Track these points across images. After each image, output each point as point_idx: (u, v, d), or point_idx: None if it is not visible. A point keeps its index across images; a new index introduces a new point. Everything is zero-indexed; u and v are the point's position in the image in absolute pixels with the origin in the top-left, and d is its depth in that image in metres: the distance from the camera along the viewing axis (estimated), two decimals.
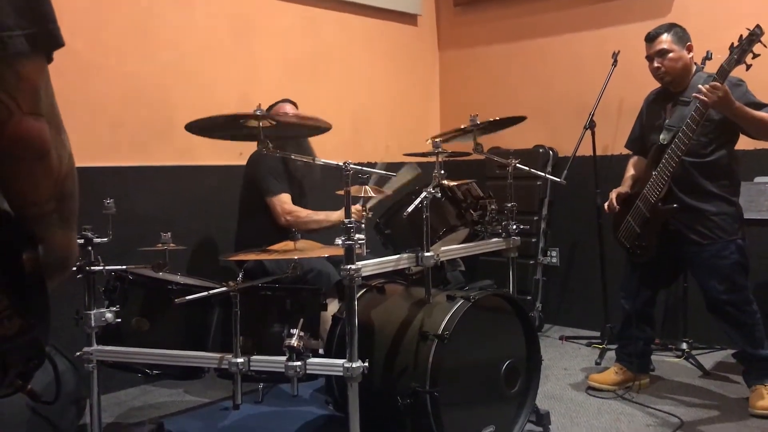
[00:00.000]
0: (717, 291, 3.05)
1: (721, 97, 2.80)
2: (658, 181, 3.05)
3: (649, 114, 3.31)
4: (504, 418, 2.62)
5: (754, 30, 2.78)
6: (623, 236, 3.26)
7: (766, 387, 3.03)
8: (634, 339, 3.34)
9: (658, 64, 3.10)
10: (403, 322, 2.55)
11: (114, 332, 2.47)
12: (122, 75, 3.50)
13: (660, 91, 3.29)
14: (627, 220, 3.22)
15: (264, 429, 2.94)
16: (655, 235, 3.12)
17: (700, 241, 3.05)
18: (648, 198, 3.10)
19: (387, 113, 4.92)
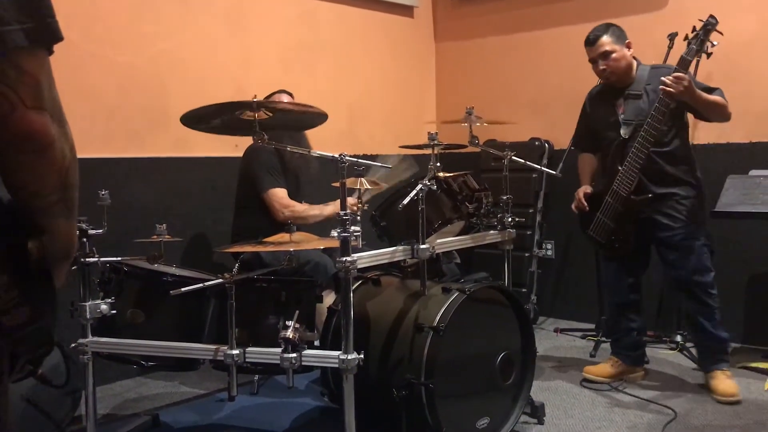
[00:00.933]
0: (687, 272, 3.14)
1: (686, 87, 2.92)
2: (628, 175, 3.11)
3: (598, 112, 3.36)
4: (499, 410, 2.63)
5: (708, 20, 2.93)
6: (596, 233, 3.29)
7: (724, 372, 3.15)
8: (627, 330, 3.37)
9: (604, 66, 3.18)
10: (399, 314, 2.55)
11: (109, 324, 2.47)
12: (117, 65, 3.48)
13: (604, 89, 3.35)
14: (597, 217, 3.26)
15: (259, 421, 2.95)
16: (631, 227, 3.19)
17: (672, 225, 3.14)
18: (619, 192, 3.15)
19: (383, 105, 4.91)
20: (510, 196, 2.91)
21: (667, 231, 3.15)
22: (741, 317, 3.91)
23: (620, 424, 2.85)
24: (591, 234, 3.31)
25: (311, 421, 2.97)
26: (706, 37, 2.93)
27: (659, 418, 2.88)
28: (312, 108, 2.37)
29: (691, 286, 3.16)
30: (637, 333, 3.39)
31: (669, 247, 3.18)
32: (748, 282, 3.90)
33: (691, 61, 2.94)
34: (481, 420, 2.54)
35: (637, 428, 2.80)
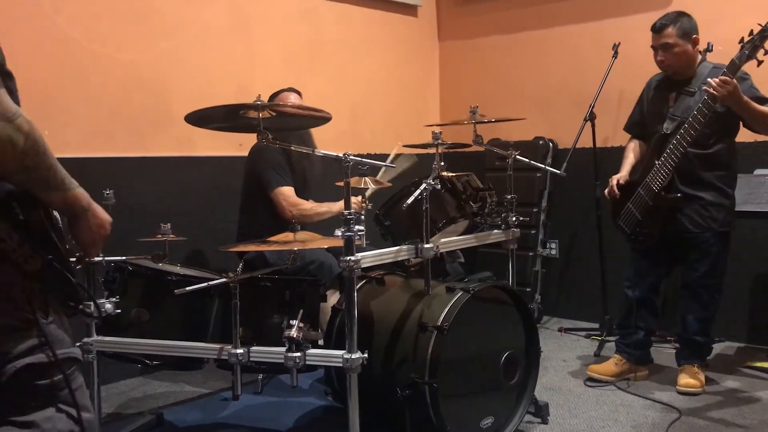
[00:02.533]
0: (698, 273, 3.16)
1: (731, 92, 2.85)
2: (662, 171, 3.09)
3: (652, 100, 3.33)
4: (503, 409, 2.63)
5: (766, 26, 2.80)
6: (623, 222, 3.29)
7: (694, 367, 3.23)
8: (635, 329, 3.36)
9: (662, 58, 3.13)
10: (403, 313, 2.55)
11: (114, 323, 2.48)
12: (121, 65, 3.49)
13: (663, 78, 3.31)
14: (627, 207, 3.25)
15: (263, 420, 2.95)
16: (657, 223, 3.16)
17: (694, 230, 3.13)
18: (651, 186, 3.13)
19: (386, 104, 4.91)
20: (514, 196, 2.90)
21: (688, 234, 3.14)
22: (745, 317, 3.91)
23: (624, 423, 2.85)
24: (619, 224, 3.31)
25: (315, 420, 2.97)
26: (761, 43, 2.81)
27: (664, 418, 2.88)
28: (317, 112, 2.36)
29: (699, 288, 3.16)
30: (645, 333, 3.38)
31: (688, 248, 3.18)
32: (753, 281, 3.89)
33: (740, 66, 2.87)
34: (485, 419, 2.54)
35: (641, 428, 2.80)
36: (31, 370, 1.19)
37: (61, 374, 1.23)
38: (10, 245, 1.16)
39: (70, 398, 1.24)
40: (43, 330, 1.20)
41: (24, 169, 1.14)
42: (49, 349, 1.20)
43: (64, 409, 1.23)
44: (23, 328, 1.19)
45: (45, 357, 1.20)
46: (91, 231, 1.30)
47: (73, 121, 3.33)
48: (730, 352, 3.79)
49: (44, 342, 1.20)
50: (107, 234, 1.35)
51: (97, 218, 1.32)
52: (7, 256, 1.16)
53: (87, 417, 1.28)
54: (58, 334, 1.24)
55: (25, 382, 1.19)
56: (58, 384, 1.22)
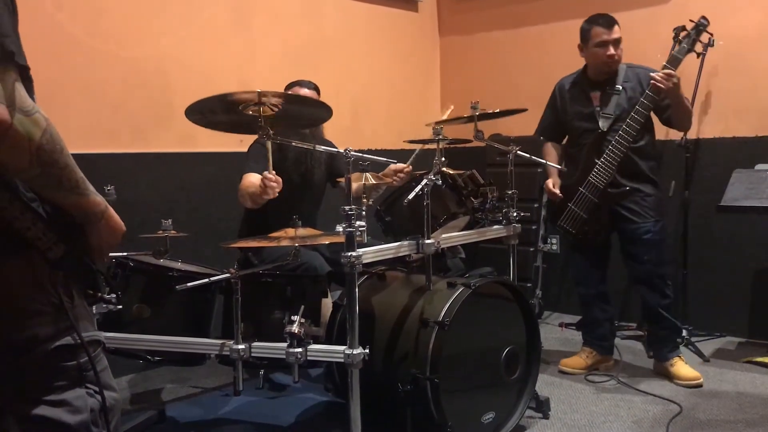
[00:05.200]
0: (650, 264, 3.26)
1: (675, 84, 3.03)
2: (606, 168, 3.20)
3: (571, 101, 3.42)
4: (504, 405, 2.64)
5: (700, 20, 3.08)
6: (567, 224, 3.36)
7: (680, 358, 3.30)
8: (599, 321, 3.47)
9: (613, 52, 3.23)
10: (404, 309, 2.56)
11: (115, 319, 2.48)
12: (122, 61, 3.48)
13: (579, 79, 3.42)
14: (570, 208, 3.33)
15: (265, 415, 2.95)
16: (604, 219, 3.29)
17: (636, 220, 3.24)
18: (596, 184, 3.23)
19: (387, 99, 4.91)
20: (515, 191, 2.90)
21: (632, 225, 3.25)
22: (746, 312, 3.91)
23: (626, 418, 2.85)
24: (563, 225, 3.38)
25: (316, 415, 2.98)
26: (697, 36, 3.08)
27: (665, 413, 2.88)
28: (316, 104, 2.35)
29: (654, 278, 3.27)
30: (609, 323, 3.50)
31: (633, 242, 3.28)
32: (754, 277, 3.89)
33: (681, 59, 3.04)
34: (486, 414, 2.54)
35: (642, 423, 2.80)
36: (60, 352, 1.25)
37: (87, 356, 1.28)
38: (35, 233, 1.19)
39: (96, 379, 1.30)
40: (69, 314, 1.25)
41: (38, 165, 1.14)
42: (75, 332, 1.26)
43: (92, 388, 1.29)
44: (51, 312, 1.23)
45: (71, 339, 1.26)
46: (101, 238, 1.31)
47: (74, 118, 3.33)
48: (731, 347, 3.79)
49: (70, 325, 1.25)
50: (118, 243, 1.36)
51: (111, 227, 1.32)
52: (32, 243, 1.19)
53: (113, 396, 1.34)
54: (82, 318, 1.30)
55: (55, 364, 1.25)
56: (85, 365, 1.28)
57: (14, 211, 1.17)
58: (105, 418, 1.31)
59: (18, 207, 1.18)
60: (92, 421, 1.28)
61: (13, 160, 1.13)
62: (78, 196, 1.25)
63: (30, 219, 1.19)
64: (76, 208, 1.26)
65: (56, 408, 1.24)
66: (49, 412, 1.24)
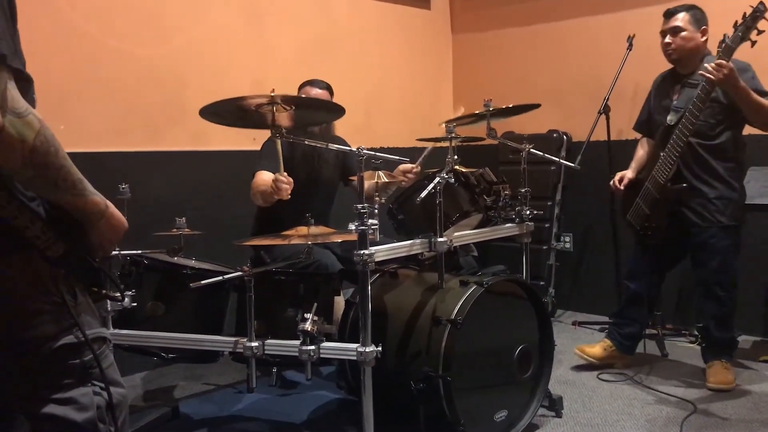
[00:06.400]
0: (711, 272, 3.13)
1: (727, 75, 2.83)
2: (667, 162, 3.09)
3: (658, 95, 3.34)
4: (517, 403, 2.63)
5: (757, 6, 2.81)
6: (632, 218, 3.31)
7: (722, 362, 3.18)
8: (632, 321, 3.40)
9: (669, 41, 3.14)
10: (416, 307, 2.56)
11: (130, 316, 2.50)
12: (136, 59, 3.50)
13: (668, 73, 3.32)
14: (636, 203, 3.27)
15: (278, 412, 2.97)
16: (664, 216, 3.17)
17: (701, 224, 3.11)
18: (657, 179, 3.14)
19: (399, 97, 4.90)
20: (528, 189, 2.89)
21: (696, 228, 3.13)
22: (762, 310, 3.88)
23: (639, 417, 2.84)
24: (629, 219, 3.32)
25: (329, 412, 2.98)
26: (753, 24, 2.81)
27: (678, 412, 2.87)
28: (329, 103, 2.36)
29: (713, 286, 3.14)
30: (639, 326, 3.42)
31: (696, 246, 3.16)
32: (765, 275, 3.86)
33: (734, 49, 2.85)
34: (498, 413, 2.54)
35: (656, 422, 2.79)
36: (65, 351, 1.26)
37: (92, 353, 1.30)
38: (33, 232, 1.20)
39: (101, 376, 1.32)
40: (72, 312, 1.26)
41: (31, 167, 1.14)
42: (79, 330, 1.27)
43: (98, 385, 1.31)
44: (53, 310, 1.25)
45: (75, 338, 1.27)
46: (102, 236, 1.31)
47: (88, 116, 3.35)
48: (746, 345, 3.76)
49: (74, 323, 1.26)
50: (120, 240, 1.36)
51: (112, 225, 1.32)
52: (31, 242, 1.20)
53: (120, 392, 1.36)
54: (86, 315, 1.31)
55: (60, 362, 1.26)
56: (90, 363, 1.30)
57: (12, 210, 1.18)
58: (112, 415, 1.32)
59: (16, 206, 1.18)
60: (99, 418, 1.30)
61: (6, 162, 1.13)
62: (75, 197, 1.24)
63: (28, 218, 1.20)
64: (74, 208, 1.26)
65: (63, 406, 1.26)
66: (57, 410, 1.26)
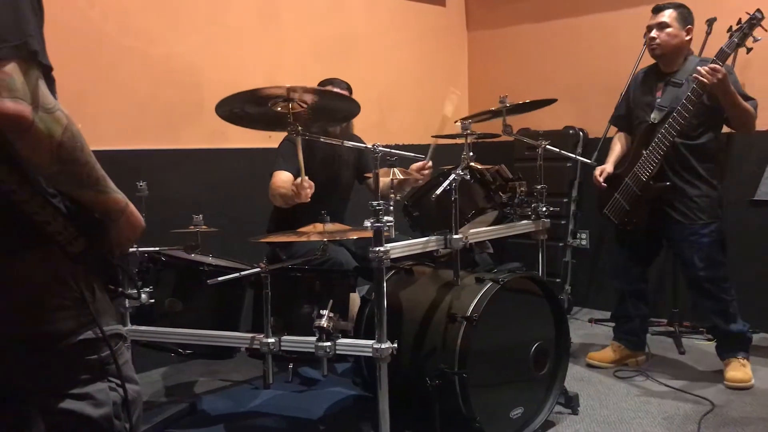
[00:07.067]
0: (697, 268, 3.15)
1: (720, 80, 2.88)
2: (650, 160, 3.13)
3: (638, 91, 3.36)
4: (533, 400, 2.63)
5: (754, 14, 2.89)
6: (611, 213, 3.33)
7: (739, 360, 3.17)
8: (631, 317, 3.42)
9: (654, 35, 3.16)
10: (432, 304, 2.56)
11: (147, 312, 2.52)
12: (152, 58, 3.53)
13: (650, 70, 3.35)
14: (615, 197, 3.29)
15: (294, 408, 2.98)
16: (644, 212, 3.21)
17: (684, 222, 3.15)
18: (639, 176, 3.17)
19: (414, 95, 4.90)
20: (544, 186, 2.89)
21: (678, 226, 3.17)
22: None
23: (656, 414, 2.82)
24: (606, 213, 3.35)
25: (345, 408, 3.00)
26: (750, 31, 2.89)
27: (696, 410, 2.85)
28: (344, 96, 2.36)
29: (703, 282, 3.16)
30: (641, 320, 3.44)
31: (680, 244, 3.21)
32: None
33: (730, 54, 2.91)
34: (514, 410, 2.54)
35: (673, 419, 2.77)
36: (82, 346, 1.27)
37: (109, 349, 1.31)
38: (55, 227, 1.21)
39: (117, 372, 1.33)
40: (91, 308, 1.28)
41: (58, 162, 1.17)
42: (97, 326, 1.28)
43: (114, 381, 1.32)
44: (72, 306, 1.26)
45: (93, 334, 1.28)
46: (120, 234, 1.33)
47: (106, 115, 3.38)
48: (765, 343, 3.73)
49: (92, 319, 1.28)
50: (137, 238, 1.38)
51: (131, 223, 1.35)
52: (52, 238, 1.21)
53: (135, 389, 1.37)
54: (104, 312, 1.32)
55: (78, 358, 1.28)
56: (106, 359, 1.31)
57: (35, 205, 1.19)
58: (127, 411, 1.33)
59: (39, 201, 1.20)
60: (115, 414, 1.31)
61: (34, 157, 1.16)
62: (98, 194, 1.26)
63: (50, 213, 1.21)
64: (96, 205, 1.28)
65: (80, 401, 1.27)
66: (74, 405, 1.27)
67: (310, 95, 2.31)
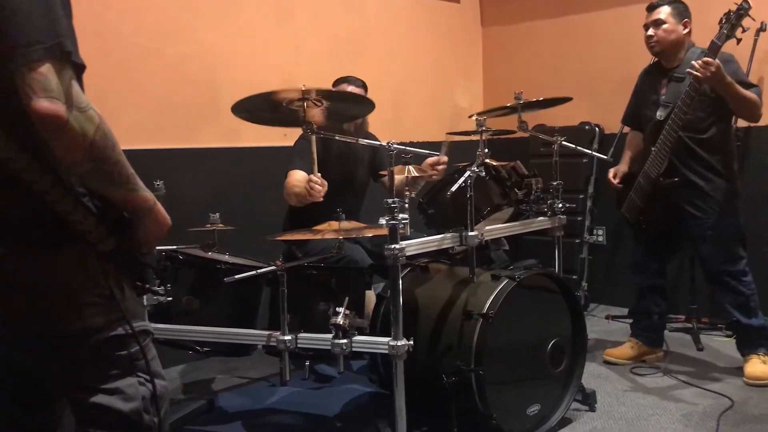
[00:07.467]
0: (716, 262, 3.15)
1: (714, 72, 2.86)
2: (658, 157, 3.11)
3: (644, 89, 3.36)
4: (549, 397, 2.62)
5: (741, 4, 2.89)
6: (627, 211, 3.32)
7: (759, 356, 3.14)
8: (648, 313, 3.41)
9: (651, 33, 3.17)
10: (448, 301, 2.56)
11: (165, 310, 2.54)
12: (168, 58, 3.55)
13: (653, 67, 3.34)
14: (630, 196, 3.29)
15: (310, 405, 2.99)
16: (658, 209, 3.20)
17: (699, 215, 3.12)
18: (649, 174, 3.16)
19: (429, 91, 4.89)
20: (560, 182, 2.88)
21: (696, 222, 3.14)
22: None
23: (674, 411, 2.81)
24: (623, 212, 3.35)
25: (361, 405, 3.00)
26: (738, 21, 2.89)
27: (715, 407, 2.83)
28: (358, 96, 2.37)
29: (722, 276, 3.14)
30: (659, 317, 3.42)
31: (698, 240, 3.18)
32: None
33: (720, 46, 2.89)
34: (531, 407, 2.54)
35: (691, 416, 2.75)
36: (112, 342, 1.30)
37: (138, 345, 1.33)
38: (86, 227, 1.24)
39: (146, 368, 1.35)
40: (121, 305, 1.30)
41: (91, 160, 1.20)
42: (127, 322, 1.31)
43: (143, 377, 1.35)
44: (103, 303, 1.28)
45: (123, 330, 1.31)
46: (148, 232, 1.35)
47: (122, 114, 3.41)
48: None
49: (122, 316, 1.30)
50: (164, 237, 1.40)
51: (158, 222, 1.36)
52: (83, 236, 1.24)
53: (162, 384, 1.40)
54: (133, 309, 1.35)
55: (108, 353, 1.30)
56: (136, 354, 1.34)
57: (67, 204, 1.22)
58: (156, 406, 1.36)
59: (71, 201, 1.22)
60: (144, 408, 1.33)
61: (68, 156, 1.18)
62: (128, 192, 1.29)
63: (82, 213, 1.23)
64: (126, 202, 1.30)
65: (110, 396, 1.30)
66: (105, 399, 1.29)
67: (325, 96, 2.31)
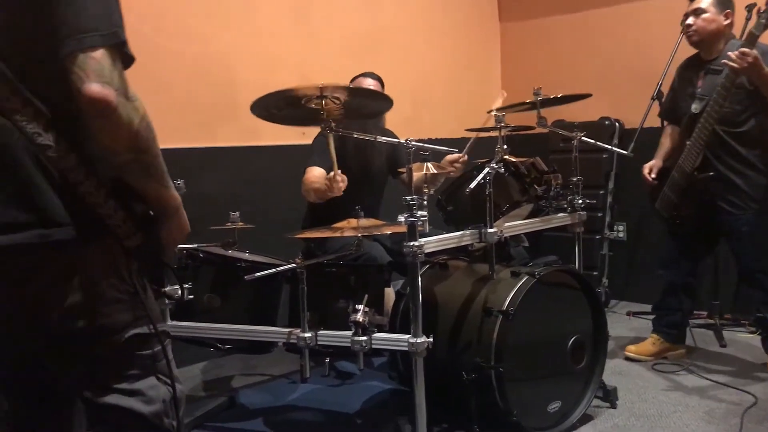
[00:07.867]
0: (749, 259, 3.10)
1: (751, 63, 2.78)
2: (693, 151, 3.06)
3: (682, 82, 3.30)
4: (570, 394, 2.61)
5: None
6: (661, 207, 3.28)
7: None
8: (673, 310, 3.37)
9: (691, 22, 3.11)
10: (467, 298, 2.56)
11: (186, 308, 2.56)
12: (187, 57, 3.58)
13: (692, 60, 3.28)
14: (664, 191, 3.24)
15: (331, 402, 3.01)
16: (692, 204, 3.15)
17: (734, 212, 3.07)
18: (683, 168, 3.11)
19: (447, 88, 4.88)
20: (580, 178, 2.86)
21: (730, 217, 3.08)
22: None
23: (697, 408, 2.78)
24: (657, 208, 3.30)
25: (381, 402, 3.01)
26: None
27: (738, 404, 2.80)
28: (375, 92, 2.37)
29: (755, 273, 3.10)
30: (683, 314, 3.39)
31: (733, 236, 3.13)
32: None
33: (758, 36, 2.81)
34: (552, 404, 2.53)
35: (714, 413, 2.73)
36: (136, 340, 1.29)
37: (160, 345, 1.32)
38: (115, 221, 1.24)
39: (167, 369, 1.34)
40: (145, 303, 1.30)
41: (133, 150, 1.22)
42: (150, 321, 1.30)
43: (163, 378, 1.33)
44: (128, 300, 1.28)
45: (146, 329, 1.30)
46: (170, 234, 1.35)
47: None
48: None
49: (145, 314, 1.29)
50: (183, 241, 1.40)
51: (180, 225, 1.37)
52: (112, 230, 1.24)
53: (179, 387, 1.37)
54: (154, 309, 1.34)
55: (131, 352, 1.29)
56: (158, 355, 1.32)
57: (99, 197, 1.22)
58: (175, 409, 1.34)
59: (103, 194, 1.23)
60: (164, 411, 1.31)
61: (112, 143, 1.20)
62: (162, 187, 1.31)
63: (112, 206, 1.24)
64: (159, 199, 1.31)
65: (130, 397, 1.27)
66: (122, 401, 1.27)
67: (342, 92, 2.32)
